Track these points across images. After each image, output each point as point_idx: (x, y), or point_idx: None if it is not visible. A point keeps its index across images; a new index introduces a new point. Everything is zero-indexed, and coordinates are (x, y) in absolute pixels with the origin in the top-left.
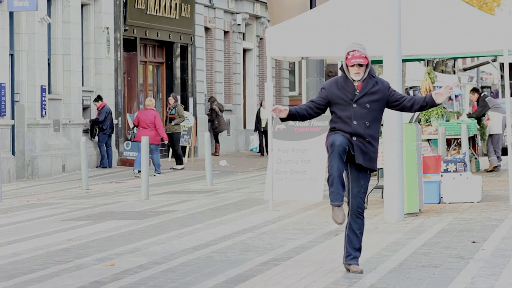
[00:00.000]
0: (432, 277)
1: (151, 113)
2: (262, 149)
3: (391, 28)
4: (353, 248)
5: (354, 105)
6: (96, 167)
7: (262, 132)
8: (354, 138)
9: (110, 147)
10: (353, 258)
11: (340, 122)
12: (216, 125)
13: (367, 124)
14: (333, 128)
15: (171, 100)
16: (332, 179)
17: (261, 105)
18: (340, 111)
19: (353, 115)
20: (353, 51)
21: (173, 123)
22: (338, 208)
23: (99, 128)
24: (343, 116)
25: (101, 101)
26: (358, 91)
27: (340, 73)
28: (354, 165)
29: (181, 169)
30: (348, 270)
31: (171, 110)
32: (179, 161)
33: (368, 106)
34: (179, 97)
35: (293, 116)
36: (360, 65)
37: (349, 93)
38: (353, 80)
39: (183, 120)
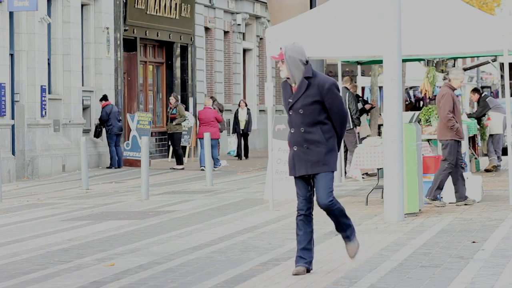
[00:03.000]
0: (432, 277)
1: (210, 112)
2: (240, 153)
3: (391, 28)
4: (344, 224)
5: (290, 112)
6: (106, 167)
7: (241, 135)
8: (295, 148)
9: (119, 147)
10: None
11: (288, 131)
12: None
13: (302, 130)
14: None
15: (172, 99)
16: (298, 244)
17: (239, 105)
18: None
19: (289, 122)
20: (280, 48)
21: (174, 123)
22: (297, 267)
23: (105, 128)
24: (287, 122)
25: (105, 100)
26: (292, 95)
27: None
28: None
29: (181, 169)
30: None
31: (172, 109)
32: (179, 161)
33: (301, 112)
34: (179, 97)
35: None
36: (283, 62)
37: (286, 98)
38: (290, 81)
39: (184, 120)
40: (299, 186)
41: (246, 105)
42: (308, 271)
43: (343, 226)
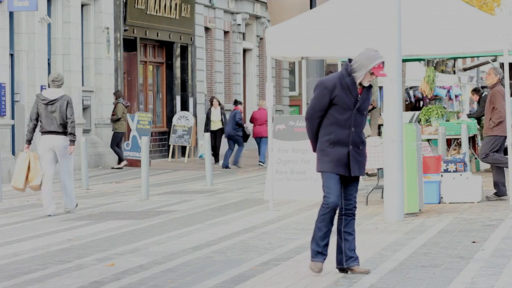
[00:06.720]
0: (432, 277)
1: (265, 112)
2: (214, 155)
3: (391, 28)
4: (352, 249)
5: (355, 112)
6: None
7: (214, 136)
8: (351, 147)
9: (240, 146)
10: (354, 260)
11: (338, 128)
12: None
13: (361, 131)
14: (328, 141)
15: (114, 97)
16: (316, 240)
17: (211, 104)
18: (339, 114)
19: (353, 121)
20: (383, 62)
21: (110, 120)
22: (318, 263)
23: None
24: (342, 120)
25: (235, 104)
26: (359, 96)
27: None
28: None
29: (120, 168)
30: (347, 272)
31: (114, 107)
32: (119, 160)
33: (365, 113)
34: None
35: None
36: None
37: (353, 97)
38: (357, 84)
39: (118, 119)
40: (338, 185)
41: (219, 104)
42: None
43: (355, 240)
